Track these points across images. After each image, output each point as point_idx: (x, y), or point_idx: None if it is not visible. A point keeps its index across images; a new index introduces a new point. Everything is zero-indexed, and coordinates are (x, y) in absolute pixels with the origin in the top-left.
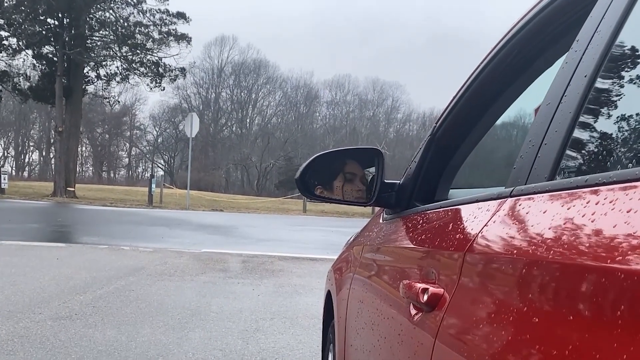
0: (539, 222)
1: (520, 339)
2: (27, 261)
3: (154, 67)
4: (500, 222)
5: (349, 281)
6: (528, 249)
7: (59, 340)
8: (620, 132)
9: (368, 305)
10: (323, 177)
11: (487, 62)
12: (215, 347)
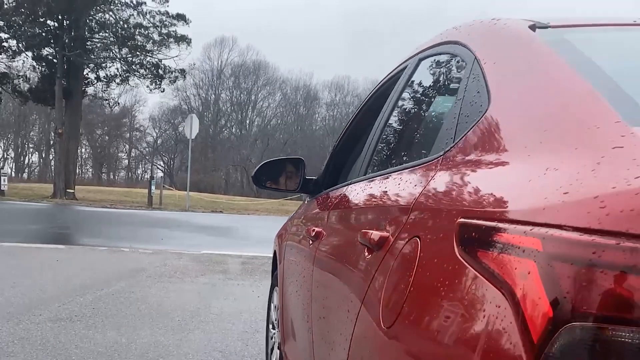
0: (360, 193)
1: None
2: (27, 263)
3: (154, 68)
4: (348, 195)
5: (284, 243)
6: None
7: (59, 341)
8: (394, 148)
9: (294, 257)
10: (273, 174)
11: (356, 112)
12: (215, 349)
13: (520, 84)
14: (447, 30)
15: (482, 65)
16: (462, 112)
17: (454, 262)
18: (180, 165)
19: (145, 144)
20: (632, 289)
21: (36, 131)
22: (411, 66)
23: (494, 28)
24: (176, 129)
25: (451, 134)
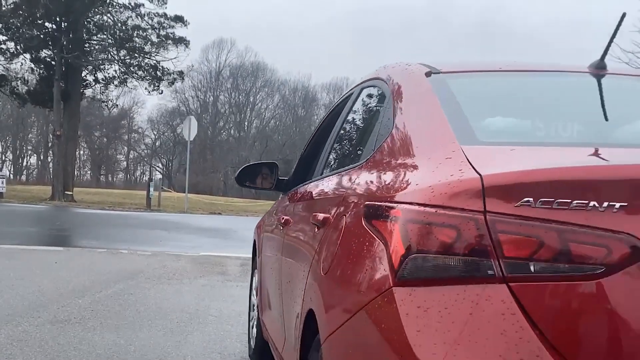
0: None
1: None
2: (25, 265)
3: (152, 70)
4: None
5: (262, 232)
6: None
7: (58, 344)
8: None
9: (269, 241)
10: (251, 176)
11: (318, 125)
12: (214, 350)
13: (409, 114)
14: (379, 68)
15: (392, 98)
16: (380, 131)
17: (361, 228)
18: (178, 167)
19: (143, 146)
20: (443, 236)
21: (34, 133)
22: (355, 93)
23: (404, 71)
24: (174, 130)
25: (372, 147)
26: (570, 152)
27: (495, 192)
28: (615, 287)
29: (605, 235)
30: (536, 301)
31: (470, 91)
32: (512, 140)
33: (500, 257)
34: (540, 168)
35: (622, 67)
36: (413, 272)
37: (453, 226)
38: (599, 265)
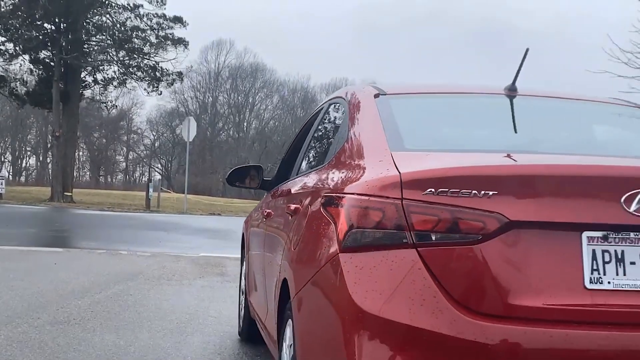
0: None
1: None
2: (25, 266)
3: (151, 71)
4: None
5: (249, 226)
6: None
7: (57, 345)
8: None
9: (255, 232)
10: (240, 177)
11: (297, 133)
12: (214, 351)
13: (358, 127)
14: (343, 88)
15: (348, 113)
16: (338, 139)
17: (320, 214)
18: (178, 167)
19: (142, 147)
20: (374, 216)
21: (33, 134)
22: (324, 108)
23: (359, 93)
24: (174, 131)
25: (332, 152)
26: (469, 156)
27: (409, 184)
28: (489, 250)
29: (482, 214)
30: (435, 260)
31: (406, 109)
32: (430, 147)
33: (411, 230)
34: (439, 168)
35: (530, 88)
36: (353, 242)
37: (380, 209)
38: (478, 235)
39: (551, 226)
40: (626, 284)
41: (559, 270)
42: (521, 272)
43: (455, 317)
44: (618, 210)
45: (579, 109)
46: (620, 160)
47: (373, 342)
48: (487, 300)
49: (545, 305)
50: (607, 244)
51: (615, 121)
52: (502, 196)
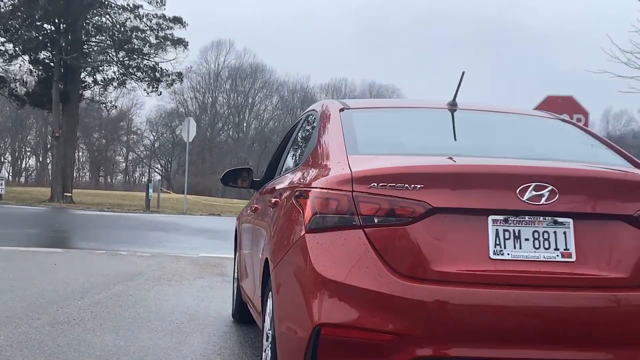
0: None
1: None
2: (25, 267)
3: (151, 71)
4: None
5: (241, 221)
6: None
7: (57, 345)
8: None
9: (245, 225)
10: (233, 178)
11: (282, 139)
12: (214, 351)
13: (325, 135)
14: (319, 102)
15: (319, 124)
16: (310, 145)
17: (293, 204)
18: (177, 168)
19: (142, 147)
20: (331, 205)
21: (33, 135)
22: (303, 118)
23: (328, 106)
24: (173, 132)
25: (305, 155)
26: (406, 158)
27: (358, 180)
28: (417, 229)
29: (412, 202)
30: (377, 237)
31: (364, 121)
32: (378, 151)
33: (359, 215)
34: (381, 167)
35: (468, 103)
36: (316, 225)
37: (336, 199)
38: (409, 218)
39: (464, 211)
40: (521, 255)
41: (470, 244)
42: (441, 246)
43: (390, 280)
44: (515, 199)
45: (505, 120)
46: (519, 161)
47: (330, 300)
48: (415, 268)
49: (459, 270)
50: (507, 225)
51: (533, 130)
52: (427, 189)
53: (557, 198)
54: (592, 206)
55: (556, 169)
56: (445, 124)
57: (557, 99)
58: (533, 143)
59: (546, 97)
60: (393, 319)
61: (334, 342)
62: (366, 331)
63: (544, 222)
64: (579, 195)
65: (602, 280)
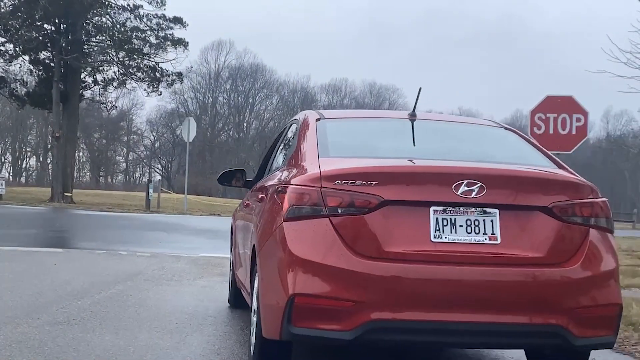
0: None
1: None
2: (25, 267)
3: (151, 72)
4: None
5: (236, 217)
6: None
7: (57, 345)
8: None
9: (238, 220)
10: (228, 178)
11: (271, 144)
12: (213, 351)
13: (303, 141)
14: (302, 112)
15: (299, 131)
16: (291, 149)
17: (275, 199)
18: (178, 168)
19: (142, 148)
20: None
21: (34, 135)
22: (288, 125)
23: (307, 116)
24: (174, 132)
25: (287, 158)
26: (366, 160)
27: (325, 178)
28: (371, 218)
29: (368, 196)
30: (339, 224)
31: (336, 129)
32: (345, 155)
33: (326, 206)
34: (344, 168)
35: (426, 114)
36: (291, 215)
37: (308, 194)
38: (365, 209)
39: (411, 203)
40: (456, 238)
41: (415, 230)
42: (391, 231)
43: (350, 259)
44: (451, 193)
45: (454, 128)
46: (456, 162)
47: (302, 275)
48: (370, 248)
49: (405, 251)
50: (445, 214)
51: (476, 137)
52: (381, 185)
53: (485, 192)
54: (515, 199)
55: (484, 168)
56: (404, 131)
57: (557, 98)
58: (473, 147)
59: (546, 97)
60: (352, 290)
61: (305, 308)
62: (331, 299)
63: (474, 211)
64: (503, 190)
65: (522, 259)
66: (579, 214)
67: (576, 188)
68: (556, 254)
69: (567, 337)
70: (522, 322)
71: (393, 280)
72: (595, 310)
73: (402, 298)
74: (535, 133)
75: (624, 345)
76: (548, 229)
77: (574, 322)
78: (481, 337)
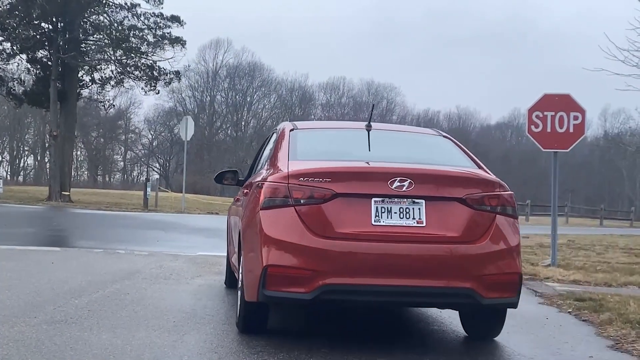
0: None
1: None
2: (22, 265)
3: (149, 70)
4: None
5: (230, 212)
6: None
7: (54, 344)
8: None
9: (232, 213)
10: (223, 177)
11: (260, 148)
12: (211, 350)
13: (278, 147)
14: (282, 123)
15: (277, 139)
16: (271, 153)
17: (254, 192)
18: (175, 167)
19: (140, 146)
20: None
21: (31, 134)
22: (270, 134)
23: (283, 127)
24: (172, 131)
25: (268, 158)
26: (325, 162)
27: (292, 176)
28: (326, 207)
29: (324, 190)
30: (302, 212)
31: (305, 137)
32: (310, 158)
33: (291, 198)
34: (305, 168)
35: (379, 125)
36: (266, 205)
37: (279, 188)
38: (321, 200)
39: (357, 195)
40: (391, 222)
41: (360, 216)
42: (341, 217)
43: (310, 238)
44: (387, 188)
45: (400, 137)
46: (392, 164)
47: (273, 250)
48: (324, 229)
49: (351, 232)
50: (383, 204)
51: (416, 143)
52: (333, 181)
53: (413, 187)
54: (437, 191)
55: (413, 168)
56: (360, 139)
57: (554, 96)
58: (412, 152)
59: (543, 95)
60: (311, 261)
61: (276, 276)
62: (295, 269)
63: (406, 202)
64: (428, 185)
65: (442, 238)
66: (487, 203)
67: (486, 183)
68: (469, 234)
69: (477, 297)
70: (442, 285)
71: (342, 254)
72: (499, 277)
73: (349, 267)
74: (533, 131)
75: (622, 343)
76: (463, 215)
77: (482, 286)
78: (410, 297)
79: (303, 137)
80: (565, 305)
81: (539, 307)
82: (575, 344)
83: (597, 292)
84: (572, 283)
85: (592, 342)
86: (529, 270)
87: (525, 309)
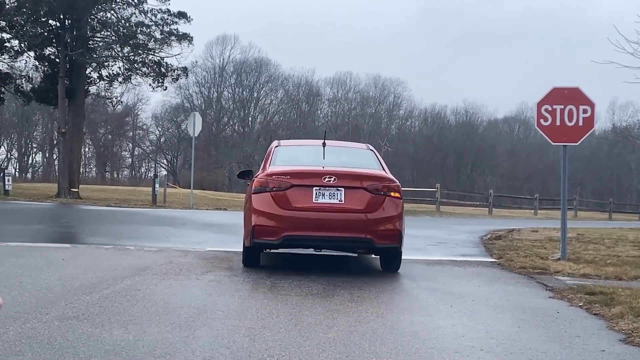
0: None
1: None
2: (33, 262)
3: (156, 67)
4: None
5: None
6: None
7: (66, 340)
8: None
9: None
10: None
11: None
12: (222, 345)
13: (268, 157)
14: (275, 141)
15: (270, 152)
16: (264, 160)
17: (251, 183)
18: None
19: (148, 143)
20: (261, 183)
21: (39, 131)
22: (269, 147)
23: (273, 144)
24: (179, 127)
25: (262, 163)
26: (292, 167)
27: (269, 175)
28: (288, 192)
29: (286, 182)
30: (274, 195)
31: (283, 151)
32: (283, 164)
33: (268, 187)
34: (278, 170)
35: (331, 142)
36: (255, 191)
37: (262, 181)
38: (285, 188)
39: (304, 185)
40: (324, 201)
41: (306, 197)
42: (296, 198)
43: (278, 209)
44: (322, 181)
45: (341, 150)
46: (327, 167)
47: (258, 216)
48: (286, 205)
49: (301, 206)
50: (320, 190)
51: (350, 154)
52: (291, 178)
53: (337, 181)
54: (351, 183)
55: (337, 170)
56: (317, 152)
57: (564, 90)
58: (345, 159)
59: (552, 89)
60: (278, 222)
61: (259, 231)
62: (269, 227)
63: (332, 189)
64: (346, 179)
65: (354, 210)
66: (381, 190)
67: (382, 179)
68: (369, 207)
69: (373, 243)
70: (352, 236)
71: (296, 218)
72: (387, 232)
73: (300, 225)
74: (542, 125)
75: (633, 336)
76: (366, 196)
77: (376, 237)
78: (335, 242)
79: (282, 151)
80: (575, 299)
81: (549, 301)
82: (587, 337)
83: (608, 286)
84: (582, 277)
85: (604, 336)
86: (538, 264)
87: (535, 303)
